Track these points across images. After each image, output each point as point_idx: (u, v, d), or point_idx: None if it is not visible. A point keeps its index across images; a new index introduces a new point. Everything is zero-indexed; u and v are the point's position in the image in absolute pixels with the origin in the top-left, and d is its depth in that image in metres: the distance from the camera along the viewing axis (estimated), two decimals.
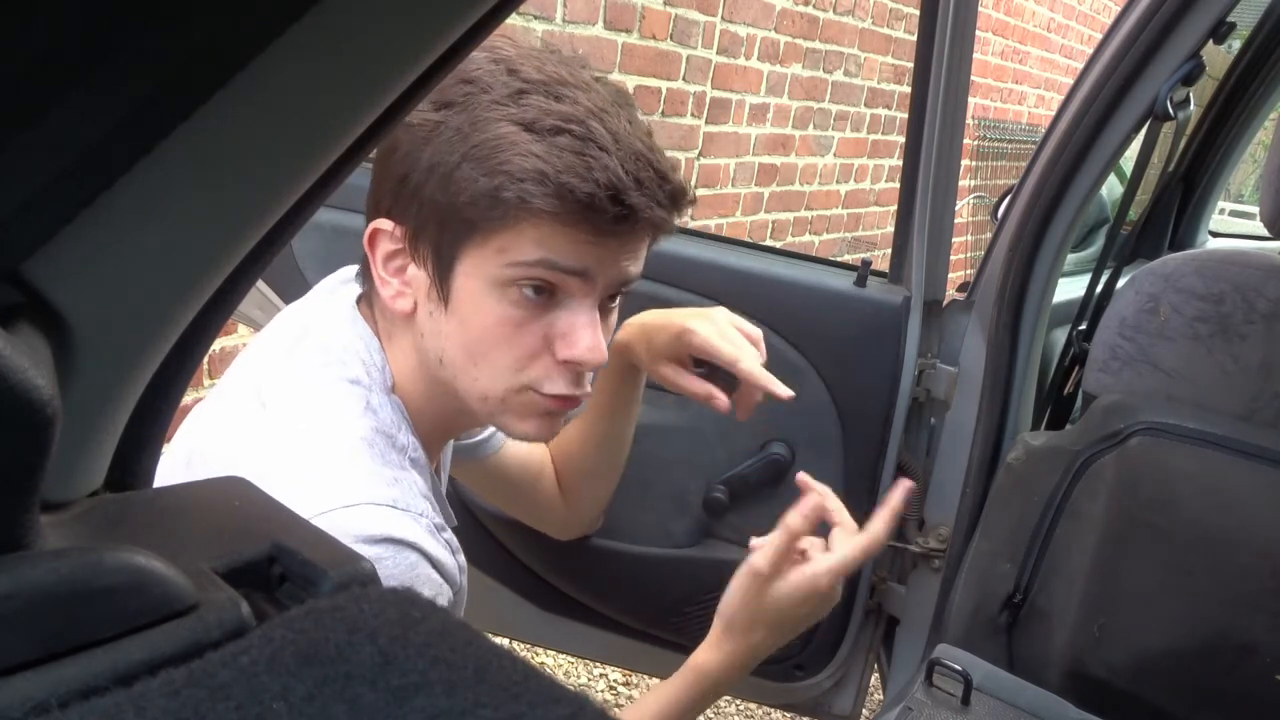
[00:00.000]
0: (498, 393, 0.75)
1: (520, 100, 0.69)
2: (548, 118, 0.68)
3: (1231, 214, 4.89)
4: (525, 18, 2.39)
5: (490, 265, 0.71)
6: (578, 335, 0.74)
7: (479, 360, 0.74)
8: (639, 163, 0.70)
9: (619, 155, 0.69)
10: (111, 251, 0.27)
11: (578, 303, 0.74)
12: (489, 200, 0.68)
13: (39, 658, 0.22)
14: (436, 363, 0.76)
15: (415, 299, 0.75)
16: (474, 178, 0.68)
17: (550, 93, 0.70)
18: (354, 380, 0.75)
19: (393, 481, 0.71)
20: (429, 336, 0.76)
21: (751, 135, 3.39)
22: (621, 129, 0.71)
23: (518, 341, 0.73)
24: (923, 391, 1.32)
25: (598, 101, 0.71)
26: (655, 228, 0.74)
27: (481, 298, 0.72)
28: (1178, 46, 1.13)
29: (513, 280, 0.71)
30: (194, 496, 0.32)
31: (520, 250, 0.70)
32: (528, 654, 2.06)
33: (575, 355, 0.74)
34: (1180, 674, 1.08)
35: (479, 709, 0.22)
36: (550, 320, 0.74)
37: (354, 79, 0.29)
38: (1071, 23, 5.57)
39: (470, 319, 0.73)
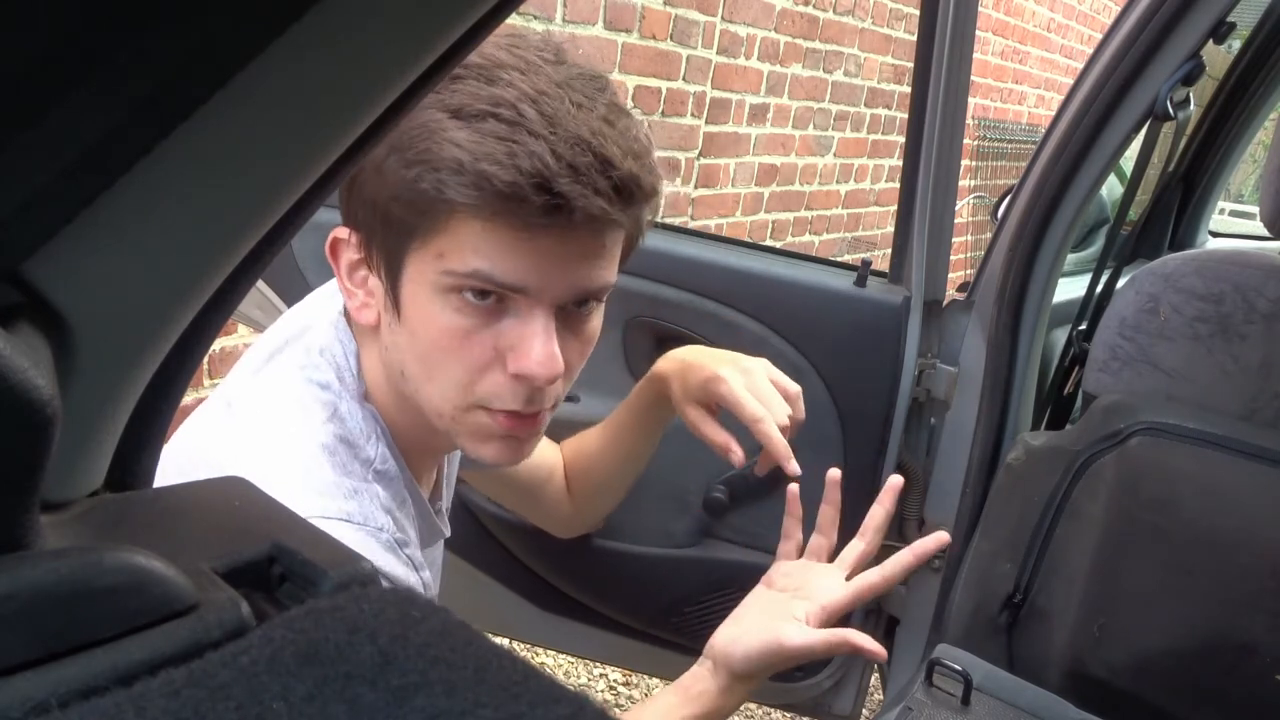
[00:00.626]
0: (449, 410, 0.71)
1: (452, 85, 0.64)
2: (476, 102, 0.63)
3: (1231, 214, 4.89)
4: (525, 18, 2.39)
5: (430, 271, 0.66)
6: (528, 345, 0.67)
7: (433, 373, 0.70)
8: (576, 148, 0.63)
9: (550, 140, 0.62)
10: (111, 251, 0.27)
11: (528, 312, 0.68)
12: (411, 193, 0.64)
13: (39, 658, 0.22)
14: (399, 376, 0.72)
15: (378, 309, 0.72)
16: (397, 169, 0.64)
17: (484, 76, 0.64)
18: (324, 385, 0.72)
19: (351, 493, 0.69)
20: (391, 349, 0.72)
21: (751, 135, 3.39)
22: (563, 111, 0.63)
23: (465, 352, 0.68)
24: (923, 391, 1.32)
25: (537, 84, 0.64)
26: (596, 220, 0.65)
27: (427, 305, 0.67)
28: (1178, 46, 1.13)
29: (454, 287, 0.66)
30: (194, 496, 0.32)
31: (455, 258, 0.65)
32: (528, 654, 2.06)
33: (525, 369, 0.67)
34: (1180, 674, 1.08)
35: (479, 709, 0.22)
36: (499, 330, 0.68)
37: (354, 79, 0.29)
38: (1071, 23, 5.57)
39: (419, 329, 0.68)
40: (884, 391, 1.29)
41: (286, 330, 0.79)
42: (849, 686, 1.44)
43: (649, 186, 0.68)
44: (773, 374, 0.94)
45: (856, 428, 1.30)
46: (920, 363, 1.30)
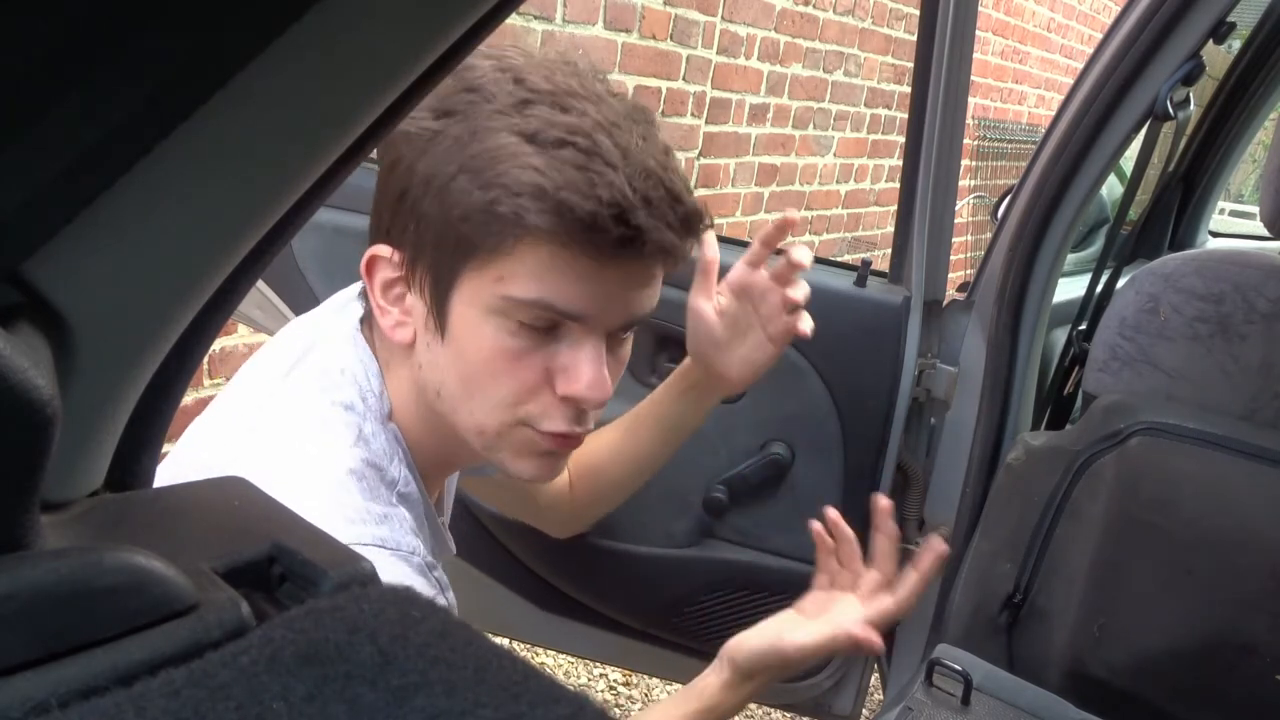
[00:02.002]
0: (493, 427, 0.72)
1: (524, 110, 0.64)
2: (552, 129, 0.63)
3: (1231, 214, 4.89)
4: (525, 18, 2.39)
5: (487, 294, 0.67)
6: (580, 370, 0.69)
7: (475, 393, 0.70)
8: (649, 181, 0.65)
9: (626, 172, 0.64)
10: (112, 251, 0.27)
11: (581, 337, 0.70)
12: (484, 215, 0.64)
13: (39, 658, 0.22)
14: (434, 395, 0.73)
15: (414, 329, 0.72)
16: (469, 190, 0.64)
17: (557, 104, 0.65)
18: (348, 406, 0.72)
19: (381, 519, 0.69)
20: (427, 368, 0.72)
21: (751, 135, 3.39)
22: (633, 145, 0.65)
23: (516, 374, 0.69)
24: (923, 391, 1.32)
25: (608, 115, 0.66)
26: (665, 253, 0.68)
27: (478, 327, 0.68)
28: (1178, 46, 1.13)
29: (510, 312, 0.67)
30: (194, 496, 0.32)
31: (517, 285, 0.66)
32: (528, 654, 2.06)
33: (576, 392, 0.69)
34: (1180, 674, 1.08)
35: (479, 709, 0.22)
36: (551, 353, 0.70)
37: (354, 79, 0.29)
38: (1071, 23, 5.57)
39: (467, 349, 0.69)
40: (884, 391, 1.29)
41: (298, 344, 0.77)
42: (849, 686, 1.44)
43: (708, 220, 0.71)
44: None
45: (856, 427, 1.30)
46: (920, 363, 1.30)
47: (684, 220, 0.67)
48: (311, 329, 0.79)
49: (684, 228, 0.68)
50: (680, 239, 0.68)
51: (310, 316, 0.83)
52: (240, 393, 0.77)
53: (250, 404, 0.74)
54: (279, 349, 0.79)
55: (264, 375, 0.77)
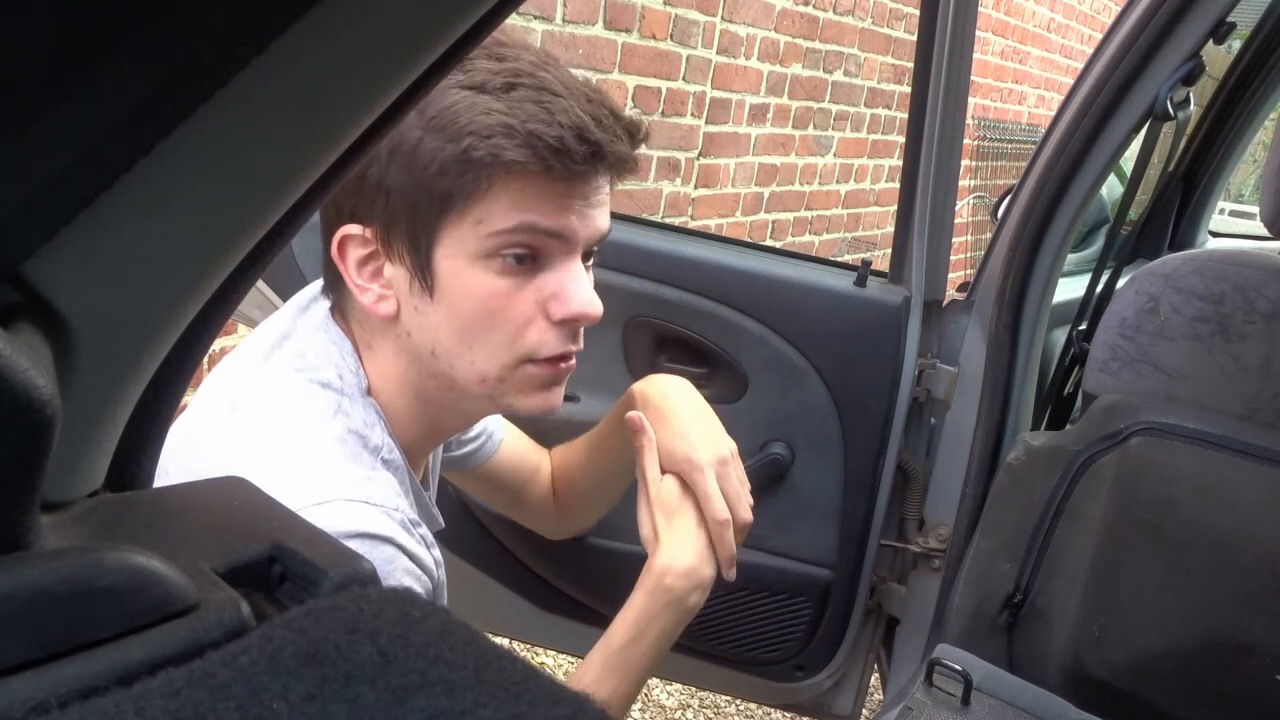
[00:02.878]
0: (495, 371, 0.75)
1: (465, 68, 0.69)
2: (497, 77, 0.69)
3: (1231, 214, 4.89)
4: (525, 18, 2.39)
5: (470, 239, 0.71)
6: (570, 291, 0.74)
7: (473, 341, 0.74)
8: (592, 104, 0.71)
9: (574, 99, 0.70)
10: (111, 251, 0.27)
11: (561, 261, 0.74)
12: (459, 165, 0.68)
13: (39, 658, 0.22)
14: (429, 355, 0.75)
15: (397, 299, 0.74)
16: (440, 146, 0.68)
17: (492, 55, 0.70)
18: (325, 384, 0.74)
19: (365, 479, 0.71)
20: (416, 332, 0.75)
21: (751, 135, 3.39)
22: (567, 77, 0.72)
23: (511, 312, 0.73)
24: (923, 391, 1.32)
25: (539, 56, 0.72)
26: (621, 163, 0.74)
27: (466, 275, 0.72)
28: (1178, 46, 1.13)
29: (495, 250, 0.71)
30: (194, 496, 0.32)
31: (498, 218, 0.70)
32: (528, 654, 2.06)
33: (571, 311, 0.74)
34: (1180, 674, 1.08)
35: (479, 709, 0.22)
36: (538, 284, 0.74)
37: (354, 79, 0.29)
38: (1071, 23, 5.57)
39: (459, 301, 0.72)
40: (884, 391, 1.29)
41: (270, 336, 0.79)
42: (849, 686, 1.44)
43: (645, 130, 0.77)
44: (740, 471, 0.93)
45: (856, 427, 1.30)
46: (920, 363, 1.30)
47: (629, 131, 0.74)
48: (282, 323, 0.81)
49: (630, 138, 0.74)
50: (630, 146, 0.74)
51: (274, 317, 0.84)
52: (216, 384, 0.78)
53: (228, 388, 0.76)
54: (248, 345, 0.80)
55: (237, 367, 0.78)
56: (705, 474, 0.89)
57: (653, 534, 0.89)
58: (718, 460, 0.90)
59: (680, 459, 0.90)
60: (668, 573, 0.87)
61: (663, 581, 0.86)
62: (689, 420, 0.92)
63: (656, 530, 0.89)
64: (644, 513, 0.90)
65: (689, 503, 0.89)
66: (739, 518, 0.90)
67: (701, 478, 0.89)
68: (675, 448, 0.90)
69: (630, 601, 0.88)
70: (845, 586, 1.35)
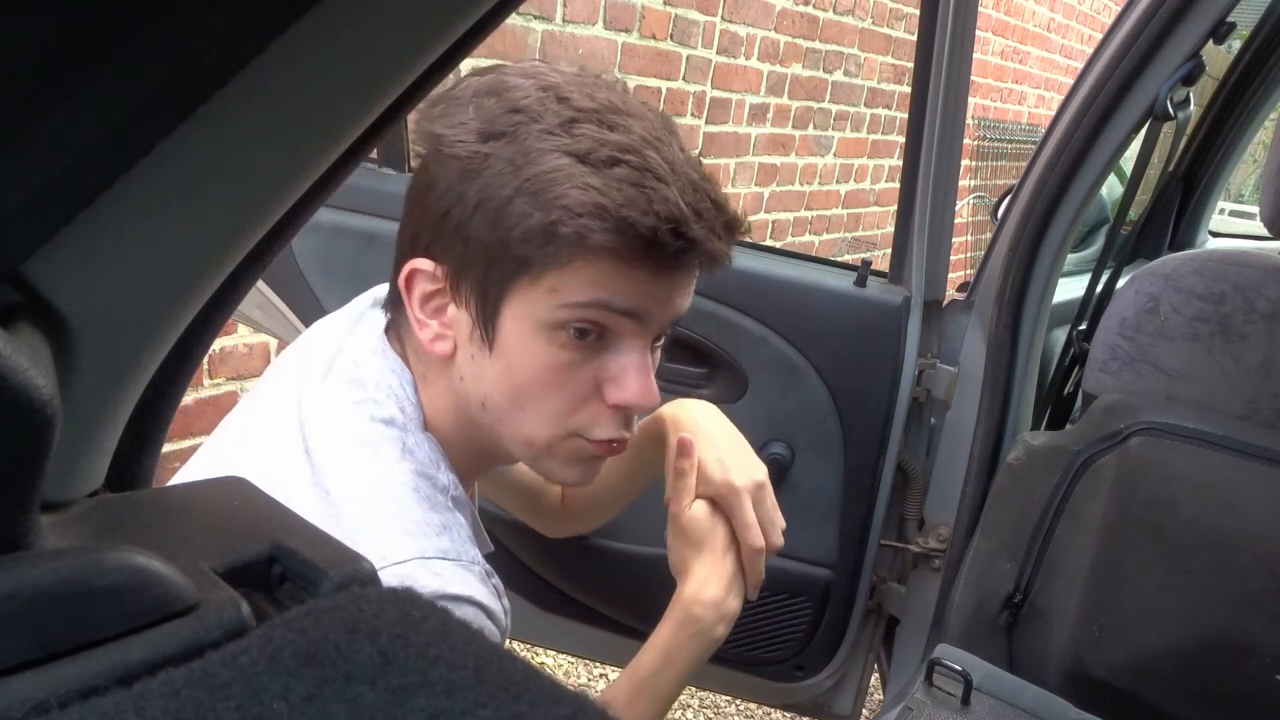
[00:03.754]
0: (543, 439, 0.73)
1: (572, 130, 0.66)
2: (603, 148, 0.65)
3: (1231, 214, 4.89)
4: (525, 18, 2.39)
5: (540, 306, 0.68)
6: (629, 379, 0.72)
7: (526, 405, 0.72)
8: (696, 193, 0.67)
9: (678, 186, 0.66)
10: (111, 251, 0.27)
11: (629, 344, 0.72)
12: (544, 236, 0.65)
13: (39, 658, 0.22)
14: (479, 407, 0.73)
15: (455, 341, 0.72)
16: (528, 212, 0.65)
17: (603, 121, 0.67)
18: (388, 420, 0.72)
19: (442, 529, 0.69)
20: (470, 380, 0.73)
21: (751, 135, 3.39)
22: (676, 158, 0.68)
23: (567, 387, 0.71)
24: (923, 391, 1.32)
25: (651, 130, 0.68)
26: (714, 260, 0.71)
27: (529, 340, 0.70)
28: (1178, 46, 1.13)
29: (563, 322, 0.69)
30: (194, 496, 0.32)
31: (573, 290, 0.67)
32: (528, 654, 2.06)
33: (627, 399, 0.72)
34: (1180, 674, 1.08)
35: (479, 709, 0.22)
36: (600, 363, 0.72)
37: (354, 79, 0.29)
38: (1071, 23, 5.57)
39: (517, 363, 0.70)
40: (884, 391, 1.29)
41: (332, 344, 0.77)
42: (849, 686, 1.44)
43: (746, 225, 0.74)
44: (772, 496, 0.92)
45: (857, 428, 1.30)
46: (920, 363, 1.30)
47: (728, 227, 0.71)
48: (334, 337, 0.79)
49: (728, 234, 0.71)
50: (726, 246, 0.71)
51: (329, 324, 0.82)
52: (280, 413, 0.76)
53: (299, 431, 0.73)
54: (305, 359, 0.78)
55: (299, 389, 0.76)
56: (743, 500, 0.88)
57: (681, 563, 0.89)
58: (755, 485, 0.89)
59: (718, 484, 0.88)
60: (696, 604, 0.86)
61: (691, 612, 0.86)
62: (724, 445, 0.91)
63: (686, 559, 0.88)
64: (675, 539, 0.89)
65: (719, 530, 0.88)
66: (772, 544, 0.90)
67: (740, 504, 0.88)
68: (713, 473, 0.89)
69: (659, 630, 0.88)
70: (845, 586, 1.35)
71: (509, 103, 0.67)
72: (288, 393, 0.77)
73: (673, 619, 0.87)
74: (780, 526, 0.91)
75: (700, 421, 0.92)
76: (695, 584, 0.87)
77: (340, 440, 0.71)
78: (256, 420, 0.77)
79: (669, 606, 0.88)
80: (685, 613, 0.86)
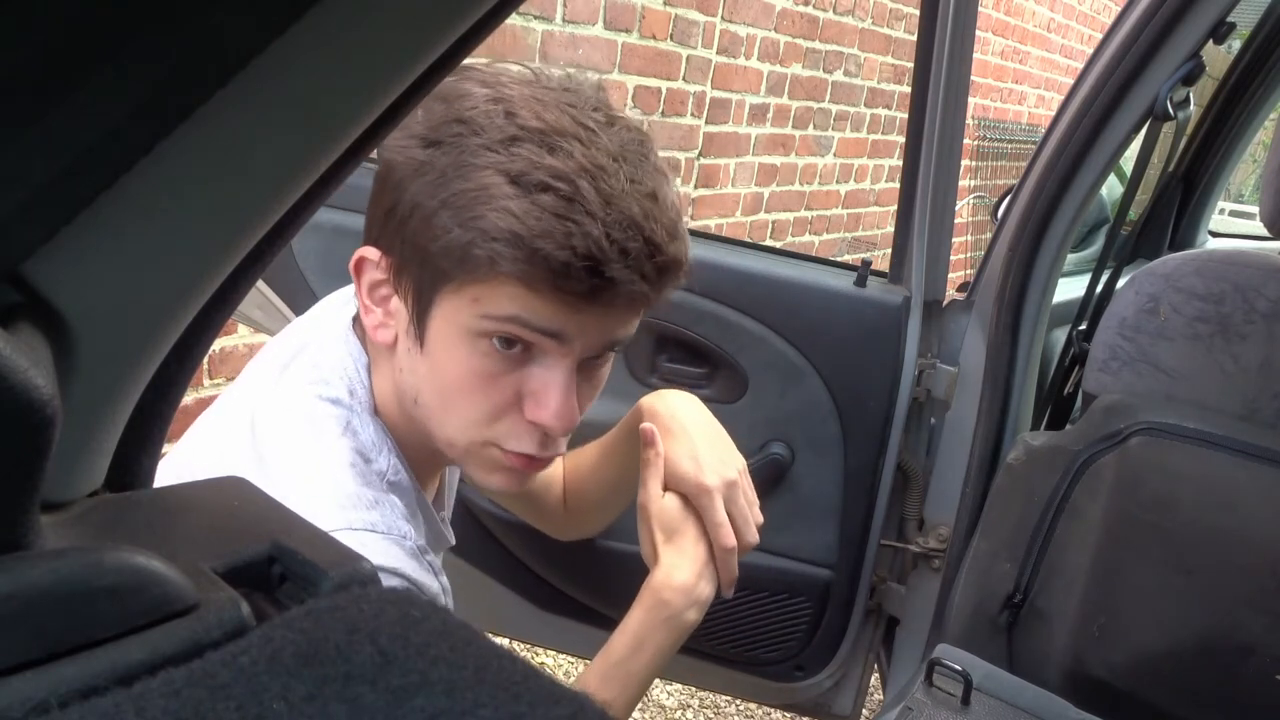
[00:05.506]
0: (462, 443, 0.73)
1: (511, 148, 0.64)
2: (536, 171, 0.63)
3: (1231, 214, 4.89)
4: (525, 18, 2.39)
5: (464, 314, 0.68)
6: (548, 397, 0.70)
7: (449, 407, 0.72)
8: (628, 231, 0.65)
9: (606, 221, 0.64)
10: (111, 251, 0.27)
11: (554, 361, 0.71)
12: (460, 253, 0.65)
13: (39, 658, 0.22)
14: (412, 401, 0.74)
15: (396, 331, 0.73)
16: (449, 228, 0.65)
17: (545, 143, 0.65)
18: (335, 400, 0.74)
19: (373, 503, 0.70)
20: (406, 373, 0.74)
21: (751, 135, 3.39)
22: (617, 189, 0.65)
23: (487, 395, 0.71)
24: (923, 391, 1.32)
25: (596, 157, 0.65)
26: (635, 302, 0.69)
27: (455, 345, 0.70)
28: (1178, 46, 1.13)
29: (486, 332, 0.68)
30: (194, 496, 0.32)
31: (494, 303, 0.67)
32: (528, 654, 2.06)
33: (542, 419, 0.71)
34: (1180, 674, 1.08)
35: (479, 709, 0.22)
36: (523, 375, 0.71)
37: (355, 79, 0.29)
38: (1071, 23, 5.57)
39: (442, 365, 0.71)
40: (884, 391, 1.29)
41: (294, 342, 0.80)
42: (849, 686, 1.44)
43: (686, 266, 0.72)
44: (749, 492, 0.92)
45: (857, 428, 1.30)
46: (920, 363, 1.30)
47: (660, 270, 0.68)
48: (309, 327, 0.81)
49: (659, 278, 0.68)
50: (654, 289, 0.69)
51: (310, 314, 0.85)
52: (240, 392, 0.79)
53: (247, 403, 0.76)
54: (276, 348, 0.81)
55: (261, 374, 0.79)
56: (714, 499, 0.88)
57: (652, 551, 0.89)
58: (726, 484, 0.88)
59: (690, 483, 0.88)
60: (665, 589, 0.86)
61: (660, 597, 0.86)
62: (698, 439, 0.90)
63: (656, 547, 0.88)
64: (644, 530, 0.89)
65: (690, 521, 0.88)
66: (745, 542, 0.90)
67: (710, 503, 0.88)
68: (684, 470, 0.88)
69: (629, 616, 0.88)
70: (845, 586, 1.35)
71: (455, 112, 0.66)
72: (247, 383, 0.79)
73: (643, 604, 0.87)
74: (755, 523, 0.91)
75: (678, 414, 0.92)
76: (665, 569, 0.87)
77: (284, 414, 0.73)
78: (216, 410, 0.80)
79: (639, 593, 0.88)
80: (655, 598, 0.86)
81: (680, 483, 0.89)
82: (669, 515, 0.88)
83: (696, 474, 0.88)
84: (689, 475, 0.88)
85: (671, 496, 0.89)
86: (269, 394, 0.76)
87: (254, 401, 0.76)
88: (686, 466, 0.88)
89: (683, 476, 0.88)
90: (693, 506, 0.89)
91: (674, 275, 0.71)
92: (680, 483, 0.89)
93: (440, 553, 0.89)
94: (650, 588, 0.87)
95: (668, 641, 0.87)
